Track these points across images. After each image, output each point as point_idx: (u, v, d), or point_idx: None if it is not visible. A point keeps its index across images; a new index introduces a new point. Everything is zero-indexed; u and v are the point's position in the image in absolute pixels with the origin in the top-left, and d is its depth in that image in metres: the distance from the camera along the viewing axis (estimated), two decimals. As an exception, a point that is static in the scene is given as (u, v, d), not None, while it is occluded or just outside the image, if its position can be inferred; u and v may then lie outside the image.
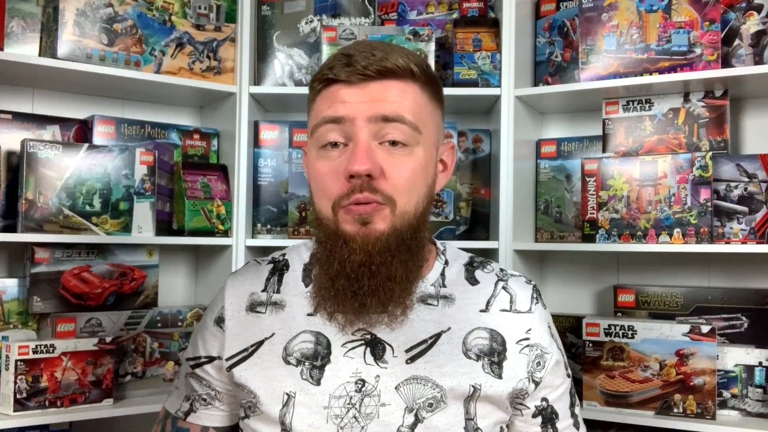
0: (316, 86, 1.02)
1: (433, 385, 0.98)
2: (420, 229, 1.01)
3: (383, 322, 0.99)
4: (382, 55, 0.98)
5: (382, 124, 0.97)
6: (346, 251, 0.96)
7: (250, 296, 1.07)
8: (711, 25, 1.75)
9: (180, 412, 1.12)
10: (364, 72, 0.97)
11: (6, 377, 1.61)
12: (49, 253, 1.74)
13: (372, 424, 0.97)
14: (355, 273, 0.96)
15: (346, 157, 0.96)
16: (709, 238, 1.70)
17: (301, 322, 1.03)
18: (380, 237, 0.96)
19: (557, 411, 1.08)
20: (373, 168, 0.95)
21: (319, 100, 1.01)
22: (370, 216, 0.96)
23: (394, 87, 0.98)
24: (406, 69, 0.99)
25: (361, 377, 0.98)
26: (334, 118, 0.98)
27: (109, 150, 1.78)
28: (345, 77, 0.98)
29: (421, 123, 1.00)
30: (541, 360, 1.05)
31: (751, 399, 1.69)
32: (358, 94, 0.97)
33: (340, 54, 1.01)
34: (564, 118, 2.11)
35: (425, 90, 1.02)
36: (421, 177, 1.00)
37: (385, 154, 0.97)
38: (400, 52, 1.00)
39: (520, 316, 1.06)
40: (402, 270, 0.98)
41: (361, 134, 0.96)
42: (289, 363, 1.00)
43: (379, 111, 0.97)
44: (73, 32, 1.74)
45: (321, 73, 1.01)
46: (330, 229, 0.98)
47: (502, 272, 1.11)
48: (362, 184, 0.95)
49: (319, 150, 1.00)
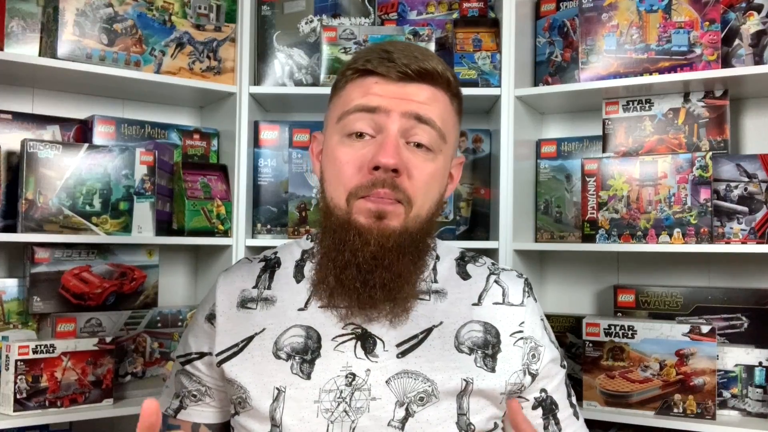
0: (348, 74, 1.02)
1: (424, 379, 0.98)
2: (429, 233, 1.02)
3: (386, 317, 0.99)
4: (423, 57, 0.99)
5: (413, 122, 0.98)
6: (360, 242, 0.96)
7: (241, 293, 1.08)
8: (711, 25, 1.75)
9: (170, 410, 1.12)
10: (405, 70, 0.97)
11: (6, 377, 1.61)
12: (49, 253, 1.74)
13: (362, 418, 0.96)
14: (367, 264, 0.96)
15: (373, 149, 0.97)
16: (709, 238, 1.70)
17: (292, 317, 1.03)
18: (393, 234, 0.97)
19: (556, 401, 1.08)
20: (400, 163, 0.95)
21: (351, 88, 1.01)
22: (386, 212, 0.96)
23: (428, 91, 1.00)
24: (444, 77, 1.01)
25: (352, 371, 0.98)
26: (369, 107, 0.98)
27: (109, 150, 1.78)
28: (384, 71, 0.98)
29: (447, 132, 1.01)
30: (535, 352, 1.05)
31: (751, 399, 1.69)
32: (394, 91, 0.98)
33: (378, 48, 1.01)
34: (564, 118, 2.11)
35: (453, 102, 1.05)
36: (438, 183, 1.02)
37: (410, 154, 0.98)
38: (437, 59, 1.02)
39: (513, 309, 1.06)
40: (410, 269, 0.99)
41: (392, 127, 0.97)
42: (279, 357, 1.00)
43: (413, 109, 0.98)
44: (73, 32, 1.74)
45: (357, 62, 1.01)
46: (341, 218, 0.98)
47: (494, 266, 1.11)
48: (385, 179, 0.95)
49: (344, 137, 1.00)
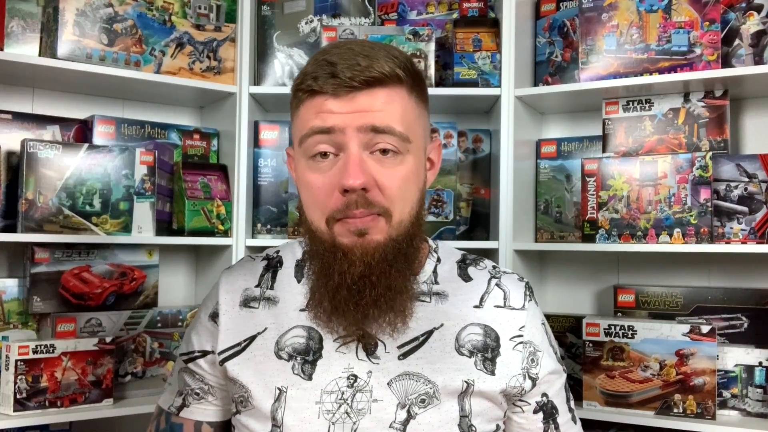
0: (300, 96, 0.99)
1: (426, 381, 0.98)
2: (416, 235, 1.01)
3: (385, 331, 0.99)
4: (367, 63, 0.94)
5: (372, 135, 0.95)
6: (345, 263, 0.95)
7: (244, 291, 1.08)
8: (711, 25, 1.75)
9: (173, 408, 1.12)
10: (351, 84, 0.94)
11: (6, 377, 1.61)
12: (49, 253, 1.74)
13: (364, 419, 0.96)
14: (356, 284, 0.95)
15: (339, 170, 0.94)
16: (709, 238, 1.69)
17: (294, 318, 1.03)
18: (378, 248, 0.95)
19: (557, 406, 1.08)
20: (367, 181, 0.93)
21: (304, 110, 0.98)
22: (366, 228, 0.95)
23: (382, 95, 0.96)
24: (393, 75, 0.96)
25: (353, 372, 0.98)
26: (323, 129, 0.95)
27: (109, 150, 1.78)
28: (330, 90, 0.95)
29: (410, 130, 0.97)
30: (534, 357, 1.05)
31: (751, 399, 1.69)
32: (345, 106, 0.95)
33: (322, 60, 0.97)
34: (564, 118, 2.11)
35: (412, 93, 1.00)
36: (413, 183, 0.99)
37: (377, 164, 0.95)
38: (384, 55, 0.97)
39: (514, 313, 1.06)
40: (400, 279, 0.98)
41: (352, 145, 0.94)
42: (280, 357, 1.01)
43: (368, 121, 0.94)
44: (73, 32, 1.74)
45: (304, 83, 0.97)
46: (326, 242, 0.97)
47: (495, 269, 1.11)
48: (357, 199, 0.94)
49: (309, 160, 0.98)
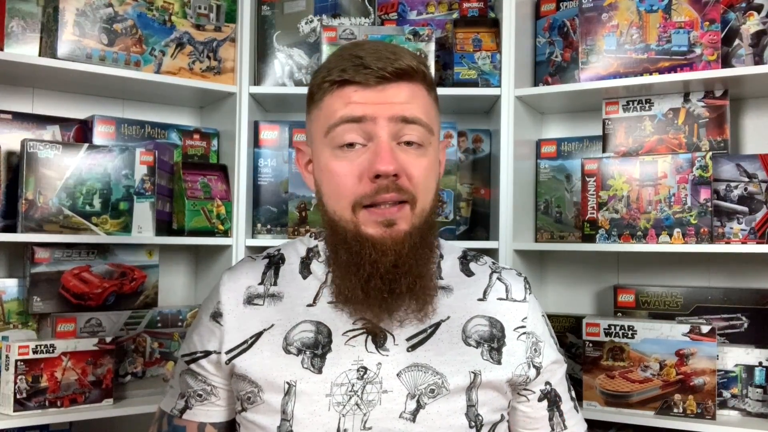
0: (325, 87, 1.01)
1: (434, 372, 1.00)
2: (433, 225, 1.04)
3: (416, 317, 1.01)
4: (394, 56, 0.99)
5: (401, 125, 0.98)
6: (376, 253, 0.97)
7: (247, 290, 1.08)
8: (711, 25, 1.75)
9: (175, 410, 1.11)
10: (381, 74, 0.97)
11: (6, 377, 1.61)
12: (49, 253, 1.74)
13: (374, 411, 0.98)
14: (390, 273, 0.97)
15: (369, 157, 0.97)
16: (709, 238, 1.69)
17: (301, 313, 1.04)
18: (406, 237, 0.98)
19: (560, 394, 1.12)
20: (398, 168, 0.97)
21: (331, 100, 1.01)
22: (394, 218, 0.98)
23: (408, 89, 1.00)
24: (419, 71, 1.01)
25: (363, 365, 0.99)
26: (354, 118, 0.98)
27: (109, 150, 1.78)
28: (362, 79, 0.98)
29: (433, 124, 1.02)
30: (537, 347, 1.09)
31: (751, 399, 1.69)
32: (375, 96, 0.98)
33: (348, 54, 1.00)
34: (564, 118, 2.11)
35: (430, 92, 1.05)
36: (433, 175, 1.04)
37: (404, 154, 0.99)
38: (407, 53, 1.02)
39: (516, 305, 1.10)
40: (426, 267, 1.01)
41: (383, 133, 0.98)
42: (289, 352, 1.01)
43: (398, 112, 0.98)
44: (73, 32, 1.74)
45: (330, 74, 1.00)
46: (350, 231, 0.99)
47: (495, 265, 1.15)
48: (388, 185, 0.97)
49: (335, 150, 1.00)
